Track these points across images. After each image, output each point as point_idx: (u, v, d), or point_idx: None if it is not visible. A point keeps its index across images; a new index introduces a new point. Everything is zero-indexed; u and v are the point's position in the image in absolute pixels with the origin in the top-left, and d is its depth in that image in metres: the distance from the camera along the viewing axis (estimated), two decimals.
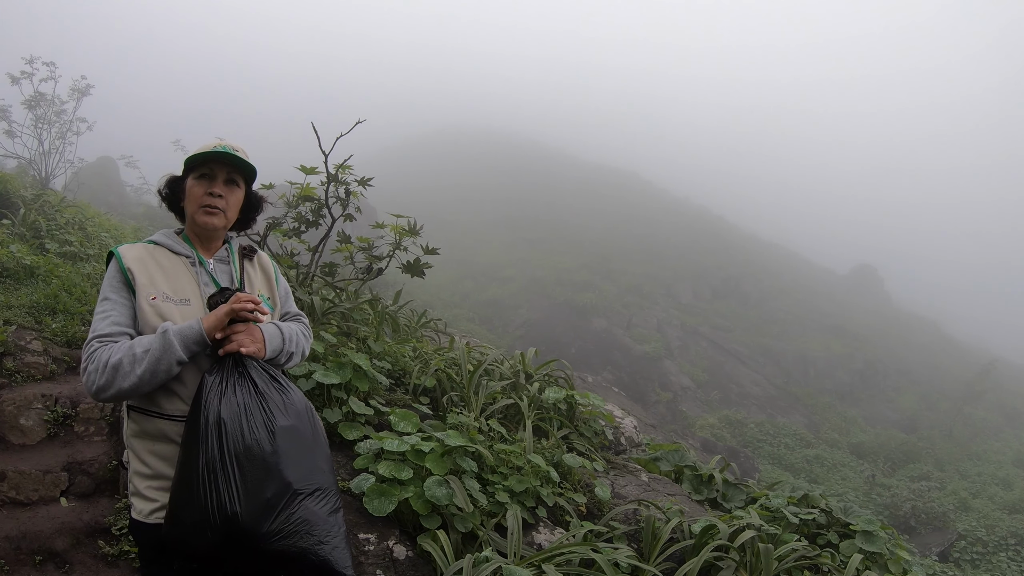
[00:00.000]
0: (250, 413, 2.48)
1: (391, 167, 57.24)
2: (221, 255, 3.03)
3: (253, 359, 2.68)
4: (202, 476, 2.36)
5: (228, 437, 2.39)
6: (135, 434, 2.72)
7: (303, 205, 7.16)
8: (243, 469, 2.37)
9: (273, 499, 2.40)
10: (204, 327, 2.62)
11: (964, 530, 18.39)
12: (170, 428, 2.67)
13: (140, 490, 2.69)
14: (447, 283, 35.10)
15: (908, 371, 38.41)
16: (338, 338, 6.10)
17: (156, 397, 2.68)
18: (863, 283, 53.80)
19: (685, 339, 33.08)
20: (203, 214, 2.88)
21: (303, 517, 2.44)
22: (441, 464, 4.63)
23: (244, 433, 2.42)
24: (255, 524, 2.34)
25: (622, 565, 4.46)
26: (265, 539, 2.36)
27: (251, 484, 2.37)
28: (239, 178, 2.98)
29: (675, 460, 7.05)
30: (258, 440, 2.43)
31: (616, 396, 19.44)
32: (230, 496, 2.33)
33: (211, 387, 2.51)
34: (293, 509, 2.43)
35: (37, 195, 11.38)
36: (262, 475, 2.40)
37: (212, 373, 2.57)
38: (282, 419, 2.53)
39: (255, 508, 2.35)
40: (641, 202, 57.39)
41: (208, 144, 2.91)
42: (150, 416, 2.68)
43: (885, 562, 5.65)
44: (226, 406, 2.46)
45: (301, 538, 2.42)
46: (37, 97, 18.68)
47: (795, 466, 22.94)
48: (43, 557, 4.47)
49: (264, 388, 2.58)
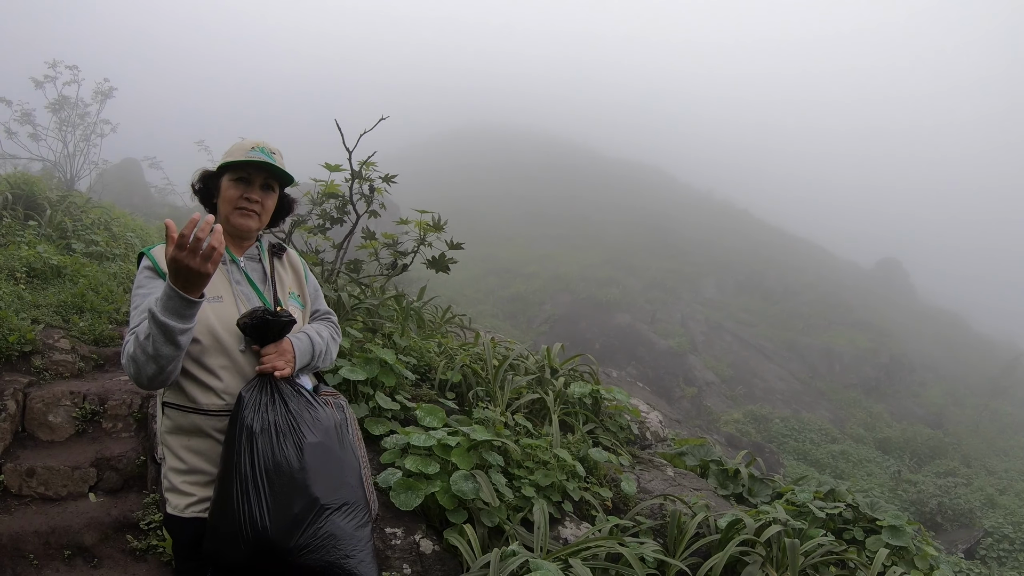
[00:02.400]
0: (280, 430, 2.57)
1: (415, 164, 57.33)
2: (252, 253, 3.05)
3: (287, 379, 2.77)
4: (236, 490, 2.46)
5: (259, 453, 2.49)
6: (170, 430, 2.75)
7: (328, 202, 7.20)
8: (272, 485, 2.46)
9: (300, 514, 2.48)
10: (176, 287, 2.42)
11: (991, 527, 18.21)
12: (205, 422, 2.71)
13: (176, 485, 2.72)
14: (471, 279, 35.12)
15: (934, 366, 38.12)
16: (364, 334, 6.13)
17: (191, 391, 2.70)
18: (888, 277, 53.39)
19: (709, 334, 32.94)
20: (239, 215, 2.90)
21: (330, 532, 2.51)
22: (467, 459, 4.64)
23: (274, 450, 2.51)
24: (283, 539, 2.43)
25: (648, 559, 4.46)
26: (293, 553, 2.43)
27: (280, 499, 2.45)
28: (275, 183, 3.01)
29: (701, 455, 7.04)
30: (287, 457, 2.52)
31: (641, 391, 19.42)
32: (260, 511, 2.43)
33: (247, 404, 2.60)
34: (320, 524, 2.50)
35: (63, 197, 11.47)
36: (290, 491, 2.48)
37: (248, 390, 2.65)
38: (311, 436, 2.61)
39: (283, 523, 2.44)
40: (664, 197, 57.20)
41: (246, 144, 2.93)
42: (185, 411, 2.71)
43: (911, 558, 5.62)
44: (258, 422, 2.55)
45: (327, 552, 2.49)
46: (61, 100, 18.85)
47: (820, 462, 22.80)
48: (72, 552, 4.53)
49: (294, 406, 2.66)
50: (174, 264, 2.36)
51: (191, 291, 2.42)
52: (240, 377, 2.75)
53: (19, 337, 5.84)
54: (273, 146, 2.99)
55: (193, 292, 2.43)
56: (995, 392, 32.01)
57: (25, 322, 6.06)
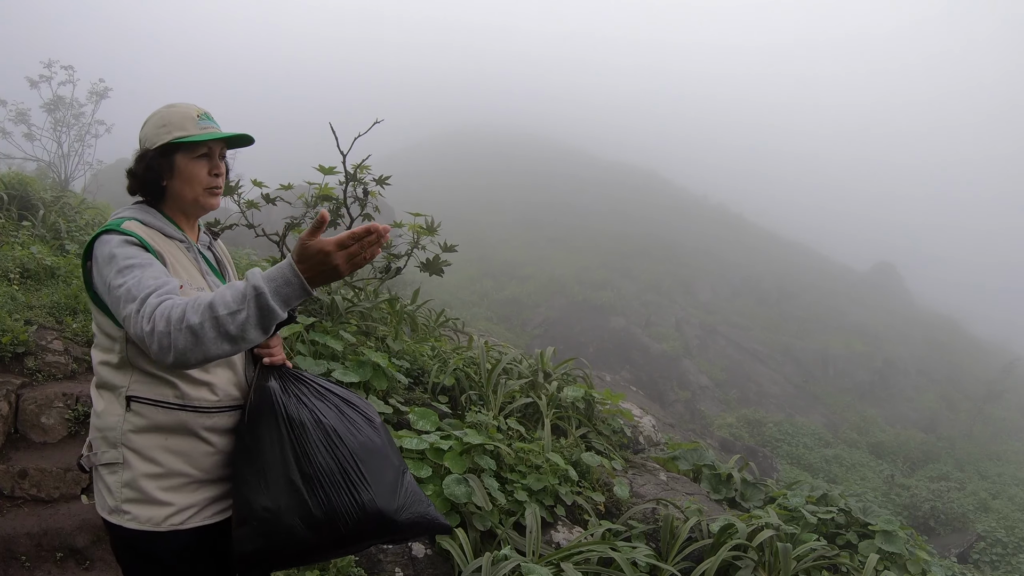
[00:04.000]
0: (348, 416, 2.63)
1: (410, 166, 57.34)
2: (203, 239, 2.78)
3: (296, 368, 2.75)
4: (320, 480, 2.46)
5: (342, 440, 2.53)
6: (140, 429, 2.41)
7: (322, 205, 7.19)
8: (365, 463, 2.54)
9: (393, 480, 2.63)
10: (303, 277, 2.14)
11: (984, 531, 18.26)
12: (194, 420, 2.44)
13: (150, 493, 2.40)
14: (466, 282, 35.11)
15: (928, 370, 38.17)
16: (357, 337, 6.13)
17: (179, 386, 2.42)
18: (883, 281, 53.45)
19: (704, 338, 32.98)
20: (210, 196, 2.61)
21: (412, 488, 2.69)
22: (460, 462, 4.65)
23: (354, 434, 2.58)
24: (388, 503, 2.55)
25: (640, 564, 4.46)
26: (398, 513, 2.57)
27: (376, 473, 2.56)
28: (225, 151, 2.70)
29: (694, 459, 7.05)
30: (369, 436, 2.62)
31: (634, 395, 19.41)
32: (362, 488, 2.50)
33: (283, 397, 2.56)
34: (404, 484, 2.67)
35: (57, 197, 11.45)
36: (381, 464, 2.60)
37: (268, 381, 2.58)
38: (375, 417, 2.73)
39: (385, 491, 2.56)
40: (660, 201, 57.25)
41: (187, 111, 2.57)
42: (168, 408, 2.41)
43: (904, 562, 5.64)
44: (324, 414, 2.57)
45: (417, 504, 2.67)
46: (56, 100, 18.84)
47: (814, 466, 22.84)
48: (64, 554, 4.52)
49: (344, 394, 2.73)
50: (321, 256, 2.12)
51: (315, 284, 2.17)
52: (229, 370, 2.56)
53: (12, 338, 5.82)
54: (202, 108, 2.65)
55: (315, 286, 2.18)
56: (989, 397, 32.04)
57: (18, 323, 6.05)
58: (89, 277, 2.43)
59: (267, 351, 2.64)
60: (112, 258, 2.31)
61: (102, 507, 2.46)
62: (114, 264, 2.30)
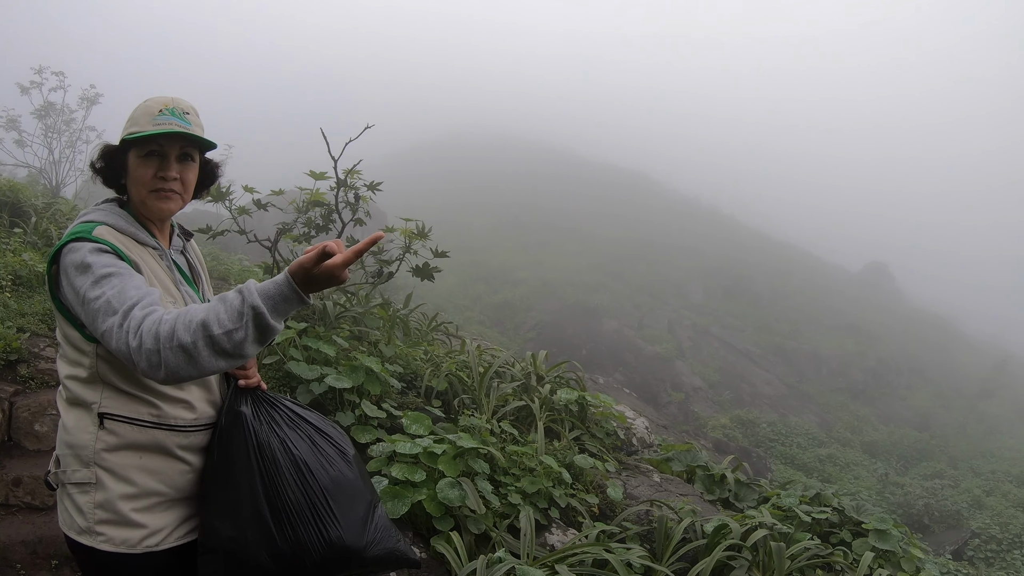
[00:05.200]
0: (321, 448, 2.59)
1: (402, 171, 57.29)
2: (176, 244, 2.64)
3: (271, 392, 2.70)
4: (288, 515, 2.43)
5: (312, 474, 2.49)
6: (114, 447, 2.30)
7: (313, 210, 7.20)
8: (335, 498, 2.51)
9: (364, 515, 2.60)
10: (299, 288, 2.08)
11: (978, 528, 18.32)
12: (169, 439, 2.35)
13: (126, 515, 2.30)
14: (458, 286, 35.10)
15: (921, 369, 38.29)
16: (350, 342, 6.13)
17: (155, 403, 2.33)
18: (875, 281, 53.64)
19: (696, 339, 33.02)
20: (156, 199, 2.41)
21: (382, 523, 2.67)
22: (454, 466, 4.66)
23: (325, 468, 2.54)
24: (357, 540, 2.52)
25: (635, 565, 4.47)
26: (367, 549, 2.55)
27: (346, 509, 2.53)
28: (194, 151, 2.49)
29: (687, 460, 7.06)
30: (341, 471, 2.59)
31: (627, 397, 19.42)
32: (330, 524, 2.47)
33: (254, 424, 2.50)
34: (375, 519, 2.64)
35: (48, 204, 11.43)
36: (352, 499, 2.57)
37: (241, 405, 2.52)
38: (349, 449, 2.70)
39: (354, 527, 2.53)
40: (651, 203, 57.39)
41: (151, 105, 2.40)
42: (144, 426, 2.31)
43: (898, 560, 5.65)
44: (295, 445, 2.53)
45: (387, 540, 2.65)
46: (47, 106, 18.78)
47: (808, 465, 22.87)
48: (59, 561, 4.51)
49: (319, 423, 2.68)
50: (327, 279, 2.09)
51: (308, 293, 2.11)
52: (205, 390, 2.48)
53: (5, 346, 5.82)
54: (186, 103, 2.46)
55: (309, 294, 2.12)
56: (982, 394, 32.18)
57: (11, 331, 6.04)
58: (55, 284, 2.29)
59: (242, 372, 2.56)
60: (86, 268, 2.17)
61: (70, 527, 2.34)
62: (89, 275, 2.16)
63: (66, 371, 2.35)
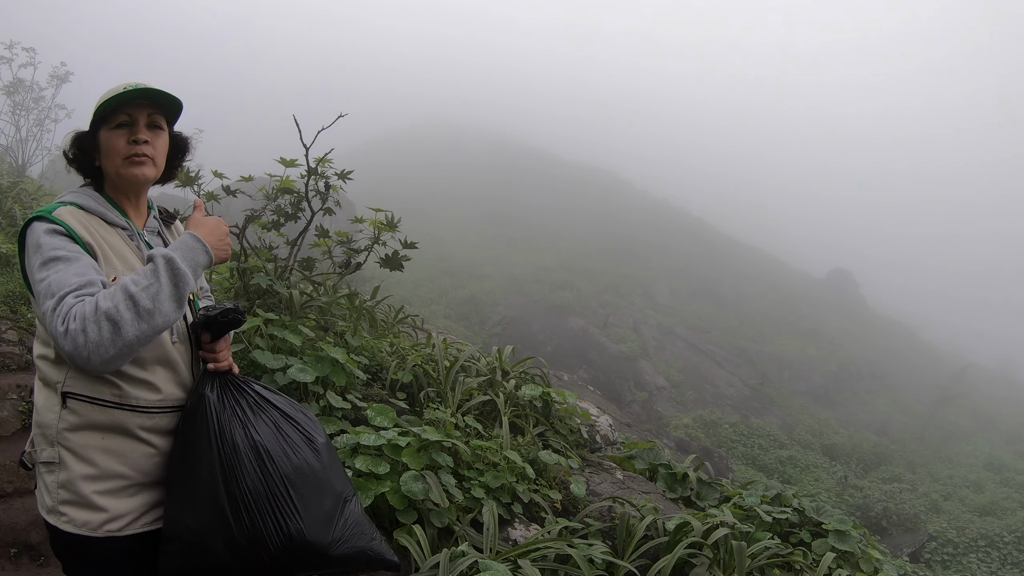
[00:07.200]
0: (286, 434, 2.49)
1: (372, 160, 57.09)
2: (152, 225, 2.65)
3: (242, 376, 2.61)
4: (245, 503, 2.33)
5: (273, 461, 2.39)
6: (75, 427, 2.29)
7: (282, 198, 7.14)
8: (298, 489, 2.40)
9: (331, 509, 2.49)
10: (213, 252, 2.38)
11: (935, 531, 18.60)
12: (131, 420, 2.33)
13: (86, 496, 2.28)
14: (425, 279, 35.04)
15: (882, 375, 38.73)
16: (316, 332, 6.09)
17: (117, 383, 2.30)
18: (838, 287, 54.12)
19: (661, 339, 33.20)
20: (130, 165, 2.44)
21: (354, 520, 2.56)
22: (418, 459, 4.64)
23: (289, 455, 2.44)
24: (320, 536, 2.42)
25: (597, 561, 4.47)
26: (332, 547, 2.44)
27: (309, 501, 2.42)
28: (161, 118, 2.53)
29: (650, 458, 7.08)
30: (306, 460, 2.47)
31: (592, 395, 19.45)
32: (290, 516, 2.36)
33: (217, 408, 2.43)
34: (346, 516, 2.53)
35: (14, 183, 11.29)
36: (317, 491, 2.46)
37: (206, 389, 2.46)
38: (319, 436, 2.58)
39: (317, 521, 2.42)
40: (621, 202, 57.56)
41: (115, 87, 2.45)
42: (105, 406, 2.30)
43: (857, 561, 5.70)
44: (258, 431, 2.43)
45: (358, 539, 2.54)
46: (16, 83, 18.56)
47: (768, 466, 23.07)
48: (18, 550, 4.45)
49: (287, 408, 2.58)
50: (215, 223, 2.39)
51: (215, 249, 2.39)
52: (171, 371, 2.44)
53: None
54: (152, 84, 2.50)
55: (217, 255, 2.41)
56: (941, 401, 32.60)
57: None
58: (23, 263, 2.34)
59: (212, 355, 2.52)
60: (38, 248, 2.24)
61: (41, 505, 2.35)
62: (39, 255, 2.22)
63: (38, 350, 2.38)
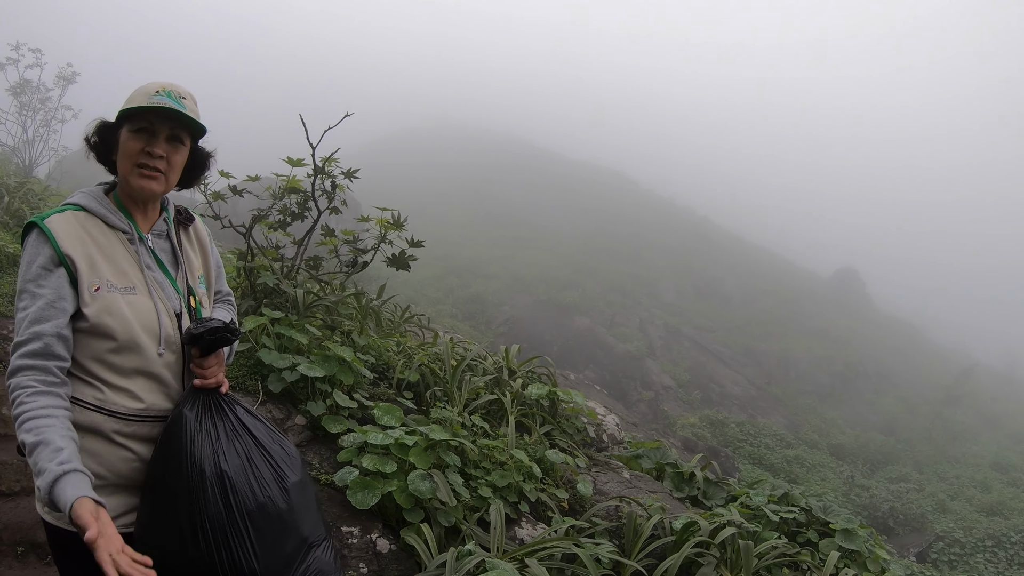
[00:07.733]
0: (256, 467, 2.40)
1: (378, 160, 56.96)
2: (160, 228, 2.63)
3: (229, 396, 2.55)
4: (204, 532, 2.27)
5: (237, 494, 2.31)
6: None
7: (289, 197, 7.15)
8: (258, 527, 2.32)
9: (292, 553, 2.40)
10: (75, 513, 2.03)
11: (942, 531, 18.54)
12: (107, 424, 2.35)
13: None
14: (431, 279, 35.00)
15: (888, 374, 38.59)
16: (322, 331, 6.10)
17: (98, 388, 2.36)
18: (845, 286, 53.91)
19: (668, 339, 33.13)
20: (139, 176, 2.44)
21: (318, 568, 2.46)
22: (424, 458, 4.64)
23: (255, 490, 2.36)
24: None
25: (604, 560, 4.47)
26: None
27: (269, 541, 2.34)
28: (184, 134, 2.51)
29: (656, 458, 7.08)
30: (272, 497, 2.38)
31: (598, 394, 19.45)
32: (245, 554, 2.28)
33: (193, 429, 2.37)
34: (309, 562, 2.44)
35: (21, 183, 11.31)
36: (279, 532, 2.37)
37: (186, 407, 2.41)
38: (291, 474, 2.48)
39: (275, 564, 2.34)
40: (626, 201, 57.43)
41: (149, 87, 2.45)
42: (83, 407, 2.34)
43: (863, 561, 5.70)
44: (227, 459, 2.35)
45: None
46: (22, 84, 18.59)
47: (775, 466, 23.01)
48: (25, 548, 4.45)
49: (264, 439, 2.49)
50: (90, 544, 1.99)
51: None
52: (155, 382, 2.45)
53: None
54: (184, 89, 2.51)
55: None
56: (948, 400, 32.48)
57: None
58: None
59: (200, 371, 2.49)
60: (25, 263, 2.32)
61: (36, 496, 2.40)
62: (21, 275, 2.32)
63: None
